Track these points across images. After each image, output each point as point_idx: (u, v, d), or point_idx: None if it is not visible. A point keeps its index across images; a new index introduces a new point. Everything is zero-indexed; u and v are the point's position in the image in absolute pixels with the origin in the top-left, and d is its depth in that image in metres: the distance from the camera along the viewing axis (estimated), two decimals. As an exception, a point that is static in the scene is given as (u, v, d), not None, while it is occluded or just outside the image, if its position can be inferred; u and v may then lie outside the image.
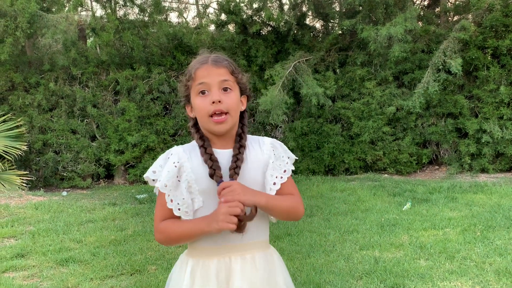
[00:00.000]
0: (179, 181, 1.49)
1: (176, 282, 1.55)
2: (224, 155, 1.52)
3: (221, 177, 1.46)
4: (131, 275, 3.81)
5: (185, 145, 1.57)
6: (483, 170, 8.42)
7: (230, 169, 1.48)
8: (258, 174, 1.54)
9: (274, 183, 1.54)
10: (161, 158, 1.53)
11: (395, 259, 3.92)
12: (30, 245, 4.62)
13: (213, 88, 1.48)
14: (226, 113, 1.48)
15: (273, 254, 1.60)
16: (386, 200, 6.33)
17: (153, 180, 1.52)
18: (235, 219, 1.40)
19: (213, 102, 1.47)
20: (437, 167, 9.12)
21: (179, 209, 1.48)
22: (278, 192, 1.55)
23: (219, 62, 1.51)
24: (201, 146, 1.51)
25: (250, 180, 1.50)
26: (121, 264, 4.00)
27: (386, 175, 8.69)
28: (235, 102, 1.51)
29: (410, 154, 8.81)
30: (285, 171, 1.57)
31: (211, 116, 1.48)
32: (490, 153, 8.34)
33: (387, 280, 3.49)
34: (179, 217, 1.50)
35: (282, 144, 1.63)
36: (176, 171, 1.48)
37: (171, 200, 1.48)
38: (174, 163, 1.49)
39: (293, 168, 1.61)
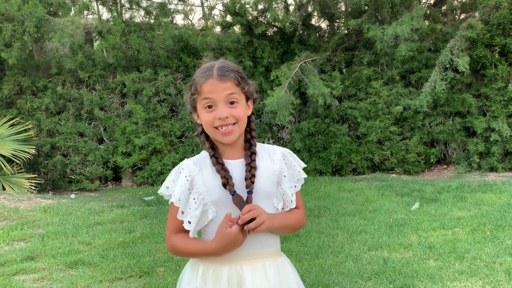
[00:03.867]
0: (190, 193, 1.50)
1: (188, 283, 1.56)
2: (235, 166, 1.52)
3: (233, 186, 1.47)
4: (140, 277, 3.82)
5: (195, 157, 1.57)
6: (492, 169, 8.35)
7: (246, 179, 1.48)
8: (268, 184, 1.53)
9: (292, 194, 1.56)
10: (173, 172, 1.54)
11: (404, 260, 3.90)
12: (40, 248, 4.65)
13: (219, 103, 1.47)
14: (234, 123, 1.48)
15: (286, 263, 1.60)
16: (394, 200, 6.30)
17: (168, 194, 1.53)
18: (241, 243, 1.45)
19: (220, 119, 1.47)
20: (445, 166, 9.06)
21: (189, 222, 1.49)
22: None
23: (224, 76, 1.47)
24: (212, 156, 1.52)
25: (260, 190, 1.50)
26: (130, 266, 4.01)
27: (393, 175, 8.65)
28: (242, 113, 1.50)
29: (418, 154, 8.76)
30: (298, 179, 1.59)
31: (217, 128, 1.48)
32: (499, 152, 8.27)
33: (396, 280, 3.47)
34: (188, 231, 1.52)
35: (292, 152, 1.63)
36: (188, 184, 1.49)
37: (182, 212, 1.50)
38: (186, 177, 1.50)
39: (305, 176, 1.61)
